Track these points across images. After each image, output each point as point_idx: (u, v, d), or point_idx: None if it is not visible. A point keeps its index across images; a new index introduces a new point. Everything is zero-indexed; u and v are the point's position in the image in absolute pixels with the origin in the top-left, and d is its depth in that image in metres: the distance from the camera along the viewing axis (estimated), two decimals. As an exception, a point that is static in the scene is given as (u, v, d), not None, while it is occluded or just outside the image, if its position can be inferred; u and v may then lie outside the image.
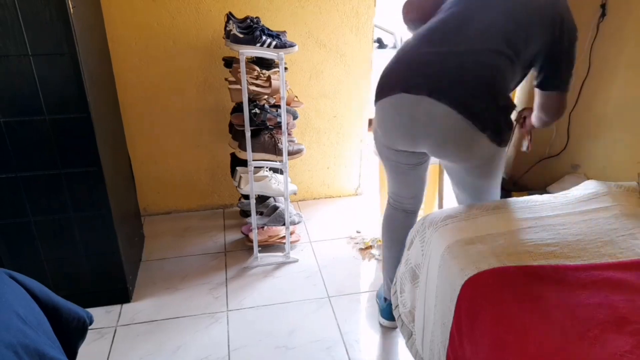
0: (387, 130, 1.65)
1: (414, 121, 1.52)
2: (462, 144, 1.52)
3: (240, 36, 2.05)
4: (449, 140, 1.52)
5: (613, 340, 1.07)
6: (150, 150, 2.73)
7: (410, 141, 1.60)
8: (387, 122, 1.62)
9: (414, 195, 1.88)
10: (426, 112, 1.48)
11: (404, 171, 1.79)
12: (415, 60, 1.54)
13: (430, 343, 1.50)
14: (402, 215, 1.92)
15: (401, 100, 1.52)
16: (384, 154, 1.78)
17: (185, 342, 1.98)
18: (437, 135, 1.52)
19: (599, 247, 1.37)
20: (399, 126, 1.58)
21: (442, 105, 1.44)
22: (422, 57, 1.53)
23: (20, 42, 1.63)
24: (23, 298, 1.21)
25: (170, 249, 2.59)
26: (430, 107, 1.46)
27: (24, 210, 1.88)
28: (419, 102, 1.47)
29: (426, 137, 1.54)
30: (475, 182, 1.70)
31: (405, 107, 1.52)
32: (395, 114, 1.57)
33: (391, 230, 1.96)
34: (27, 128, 1.76)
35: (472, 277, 1.28)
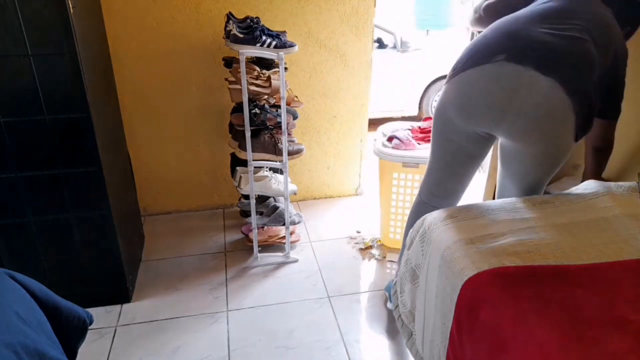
0: (470, 104, 1.56)
1: (511, 92, 1.46)
2: (553, 124, 1.47)
3: (240, 36, 2.05)
4: (537, 118, 1.46)
5: (613, 340, 1.07)
6: (150, 150, 2.73)
7: (497, 115, 1.51)
8: (473, 92, 1.53)
9: (455, 191, 1.82)
10: (528, 85, 1.43)
11: (461, 160, 1.73)
12: (521, 33, 1.49)
13: (430, 343, 1.50)
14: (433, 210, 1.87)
15: (502, 69, 1.46)
16: (447, 135, 1.68)
17: (185, 342, 1.98)
18: (531, 111, 1.46)
19: (599, 247, 1.37)
20: (491, 97, 1.50)
21: (547, 80, 1.41)
22: (529, 32, 1.48)
23: (20, 42, 1.63)
24: (23, 298, 1.21)
25: (170, 249, 2.59)
26: (535, 80, 1.42)
27: (23, 210, 1.88)
28: (522, 74, 1.43)
29: (516, 111, 1.47)
30: (534, 174, 1.64)
31: (505, 76, 1.46)
32: (491, 83, 1.49)
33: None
34: (27, 128, 1.76)
35: (472, 277, 1.28)
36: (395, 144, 2.35)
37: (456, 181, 1.80)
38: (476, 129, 1.62)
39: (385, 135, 2.45)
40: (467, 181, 1.82)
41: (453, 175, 1.78)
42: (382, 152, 2.34)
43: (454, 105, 1.59)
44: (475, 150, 1.71)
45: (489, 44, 1.52)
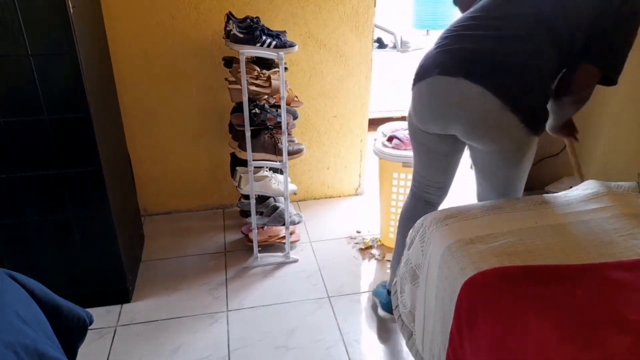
0: (421, 113, 1.65)
1: (446, 103, 1.54)
2: (495, 126, 1.51)
3: (240, 36, 2.05)
4: (482, 121, 1.51)
5: (613, 340, 1.07)
6: (150, 150, 2.73)
7: (442, 123, 1.60)
8: (422, 104, 1.63)
9: (441, 186, 1.86)
10: (461, 93, 1.48)
11: (433, 157, 1.79)
12: (453, 43, 1.55)
13: (430, 343, 1.50)
14: (423, 206, 1.89)
15: (436, 82, 1.54)
16: (417, 138, 1.77)
17: (185, 342, 1.98)
18: (470, 116, 1.51)
19: (599, 247, 1.37)
20: (432, 109, 1.60)
21: (478, 87, 1.45)
22: (460, 40, 1.54)
23: (20, 42, 1.63)
24: (23, 298, 1.21)
25: (170, 249, 2.59)
26: (466, 89, 1.47)
27: (23, 210, 1.88)
28: (455, 84, 1.49)
29: (457, 118, 1.54)
30: (503, 171, 1.67)
31: (439, 88, 1.54)
32: (430, 96, 1.58)
33: (409, 220, 1.89)
34: (26, 128, 1.76)
35: (472, 277, 1.28)
36: (396, 144, 2.35)
37: (435, 173, 1.85)
38: (433, 131, 1.68)
39: (385, 135, 2.45)
40: (449, 176, 1.86)
41: (432, 168, 1.84)
42: (382, 152, 2.34)
43: (413, 114, 1.70)
44: (446, 149, 1.75)
45: (429, 58, 1.59)
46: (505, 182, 1.69)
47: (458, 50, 1.52)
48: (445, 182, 1.87)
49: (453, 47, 1.54)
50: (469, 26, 1.56)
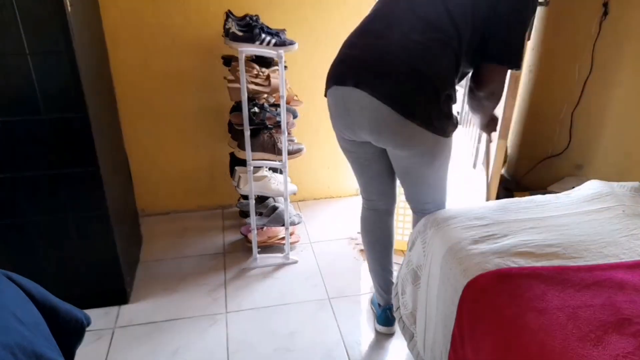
0: (334, 122, 1.69)
1: (348, 111, 1.56)
2: (396, 131, 1.51)
3: (240, 34, 2.04)
4: (382, 128, 1.52)
5: (616, 341, 1.06)
6: (148, 150, 2.72)
7: (351, 132, 1.63)
8: (331, 114, 1.68)
9: (382, 192, 1.85)
10: (357, 102, 1.51)
11: (363, 163, 1.78)
12: (346, 53, 1.58)
13: (432, 345, 1.49)
14: (375, 215, 1.90)
15: (336, 92, 1.58)
16: (342, 146, 1.79)
17: (183, 344, 1.96)
18: (370, 124, 1.53)
19: (602, 248, 1.36)
20: (339, 117, 1.63)
21: (368, 96, 1.46)
22: (351, 50, 1.56)
23: (17, 41, 1.62)
24: (20, 299, 1.20)
25: (168, 250, 2.58)
26: (359, 97, 1.48)
27: (21, 211, 1.87)
28: (350, 93, 1.51)
29: (361, 126, 1.56)
30: (419, 171, 1.66)
31: (339, 98, 1.57)
32: (334, 106, 1.63)
33: (367, 232, 1.94)
34: (24, 127, 1.75)
35: (474, 279, 1.27)
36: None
37: (370, 183, 1.85)
38: (348, 137, 1.69)
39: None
40: (384, 180, 1.82)
41: (365, 177, 1.84)
42: None
43: (332, 122, 1.72)
44: (369, 154, 1.73)
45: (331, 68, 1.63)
46: (423, 181, 1.69)
47: (351, 58, 1.55)
48: (384, 188, 1.85)
49: (347, 56, 1.57)
50: (360, 32, 1.58)
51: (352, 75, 1.50)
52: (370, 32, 1.54)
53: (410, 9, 1.49)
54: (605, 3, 2.21)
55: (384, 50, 1.48)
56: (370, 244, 1.94)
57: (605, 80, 2.29)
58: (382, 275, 1.96)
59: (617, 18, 2.19)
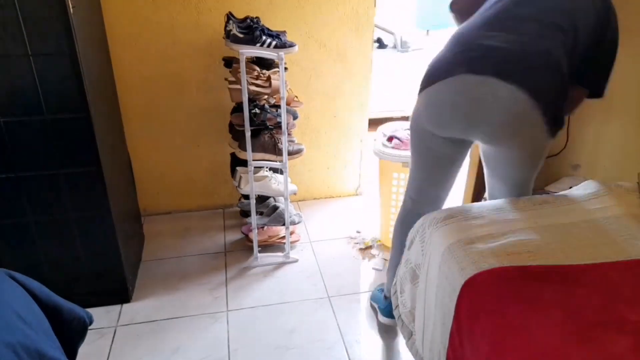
0: (440, 116, 1.58)
1: (475, 103, 1.49)
2: (522, 128, 1.49)
3: (240, 36, 2.05)
4: (509, 122, 1.49)
5: (613, 340, 1.07)
6: (150, 150, 2.73)
7: (466, 125, 1.55)
8: (441, 105, 1.56)
9: (439, 195, 1.81)
10: (491, 93, 1.45)
11: (443, 164, 1.74)
12: (476, 43, 1.51)
13: (430, 343, 1.50)
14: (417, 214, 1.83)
15: (463, 80, 1.49)
16: (426, 143, 1.70)
17: (185, 342, 1.98)
18: (499, 118, 1.48)
19: (599, 248, 1.37)
20: (458, 109, 1.53)
21: (508, 86, 1.42)
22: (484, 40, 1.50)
23: (19, 42, 1.63)
24: (23, 298, 1.21)
25: (170, 249, 2.59)
26: (496, 88, 1.44)
27: (23, 210, 1.88)
28: (484, 83, 1.46)
29: (485, 120, 1.50)
30: (520, 173, 1.66)
31: (467, 88, 1.49)
32: (456, 95, 1.52)
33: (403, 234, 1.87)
34: (26, 128, 1.76)
35: (472, 277, 1.28)
36: (396, 144, 2.35)
37: (435, 184, 1.81)
38: (450, 136, 1.63)
39: (385, 135, 2.45)
40: (449, 186, 1.81)
41: (434, 178, 1.79)
42: (382, 152, 2.34)
43: (426, 117, 1.63)
44: (454, 155, 1.72)
45: (447, 58, 1.55)
46: (523, 184, 1.69)
47: (485, 49, 1.48)
48: (443, 193, 1.82)
49: (476, 47, 1.50)
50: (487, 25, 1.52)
51: (492, 65, 1.45)
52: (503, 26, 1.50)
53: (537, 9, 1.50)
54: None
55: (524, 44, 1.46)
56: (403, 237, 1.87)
57: (603, 80, 2.29)
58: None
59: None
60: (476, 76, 1.47)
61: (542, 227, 1.46)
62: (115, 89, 2.35)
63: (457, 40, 1.57)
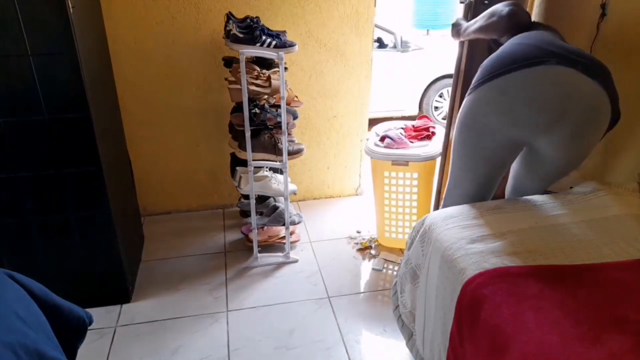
0: (517, 107, 1.48)
1: (565, 95, 1.45)
2: (597, 126, 1.51)
3: (240, 36, 2.05)
4: (589, 120, 1.48)
5: (613, 340, 1.07)
6: (150, 150, 2.73)
7: (549, 119, 1.47)
8: (522, 95, 1.47)
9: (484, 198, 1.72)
10: (579, 88, 1.44)
11: (501, 165, 1.65)
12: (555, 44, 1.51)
13: (430, 343, 1.50)
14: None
15: (556, 70, 1.44)
16: (484, 143, 1.58)
17: (185, 342, 1.98)
18: (582, 114, 1.46)
19: (599, 247, 1.37)
20: (544, 99, 1.46)
21: (594, 83, 1.43)
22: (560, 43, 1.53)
23: (19, 42, 1.63)
24: (23, 298, 1.21)
25: (170, 249, 2.59)
26: (585, 83, 1.44)
27: (23, 210, 1.88)
28: (574, 77, 1.44)
29: (569, 115, 1.45)
30: (563, 173, 1.66)
31: (560, 78, 1.45)
32: (544, 85, 1.46)
33: None
34: (26, 128, 1.76)
35: (473, 277, 1.28)
36: (388, 143, 2.36)
37: (491, 188, 1.71)
38: (516, 135, 1.54)
39: (377, 135, 2.46)
40: (492, 192, 1.73)
41: (490, 182, 1.68)
42: (372, 151, 2.35)
43: (496, 110, 1.51)
44: (508, 158, 1.65)
45: (527, 52, 1.48)
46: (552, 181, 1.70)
47: (567, 50, 1.48)
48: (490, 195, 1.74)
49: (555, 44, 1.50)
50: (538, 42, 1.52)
51: (578, 61, 1.44)
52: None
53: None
54: (603, 4, 2.21)
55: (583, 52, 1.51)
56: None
57: (603, 80, 2.29)
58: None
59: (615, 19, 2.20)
60: (568, 68, 1.44)
61: (542, 227, 1.47)
62: (115, 88, 2.35)
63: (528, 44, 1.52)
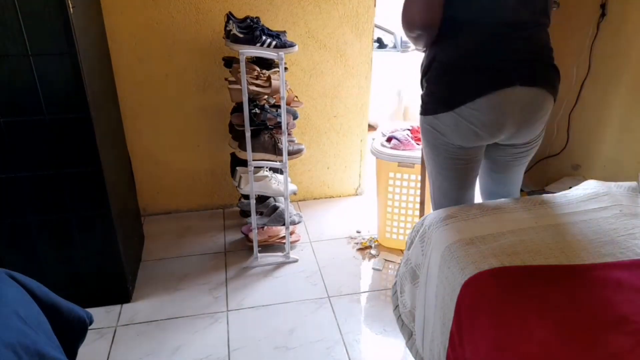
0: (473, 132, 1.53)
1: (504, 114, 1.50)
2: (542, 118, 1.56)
3: (240, 36, 2.05)
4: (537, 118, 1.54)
5: (613, 340, 1.07)
6: (150, 150, 2.73)
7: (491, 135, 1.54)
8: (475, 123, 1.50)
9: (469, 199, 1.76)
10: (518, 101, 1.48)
11: (468, 172, 1.69)
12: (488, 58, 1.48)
13: (430, 343, 1.50)
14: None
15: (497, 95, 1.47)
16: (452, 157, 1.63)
17: (185, 342, 1.98)
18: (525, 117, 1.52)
19: (599, 247, 1.37)
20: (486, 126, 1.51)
21: (533, 89, 1.48)
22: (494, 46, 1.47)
23: (20, 42, 1.63)
24: (23, 298, 1.21)
25: (170, 249, 2.59)
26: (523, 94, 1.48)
27: (23, 210, 1.88)
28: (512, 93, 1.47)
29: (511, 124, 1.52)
30: (522, 167, 1.74)
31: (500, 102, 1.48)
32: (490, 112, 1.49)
33: None
34: (27, 128, 1.76)
35: (472, 277, 1.28)
36: (394, 144, 2.36)
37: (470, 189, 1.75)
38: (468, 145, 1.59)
39: (384, 135, 2.46)
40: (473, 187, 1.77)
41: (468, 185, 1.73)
42: (379, 151, 2.35)
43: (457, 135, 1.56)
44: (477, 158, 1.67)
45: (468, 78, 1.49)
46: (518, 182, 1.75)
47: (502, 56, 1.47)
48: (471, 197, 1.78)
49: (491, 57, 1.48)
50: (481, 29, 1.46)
51: (511, 73, 1.46)
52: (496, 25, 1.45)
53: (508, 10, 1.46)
54: (603, 4, 2.21)
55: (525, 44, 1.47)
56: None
57: (602, 80, 2.30)
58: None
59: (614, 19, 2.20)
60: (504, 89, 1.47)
61: (542, 227, 1.47)
62: (115, 88, 2.35)
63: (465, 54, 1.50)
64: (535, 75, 1.49)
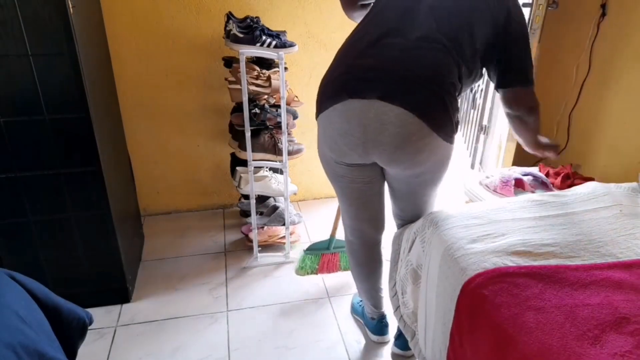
0: (335, 143, 1.51)
1: (363, 127, 1.40)
2: (417, 147, 1.40)
3: (240, 36, 2.05)
4: (406, 144, 1.40)
5: (613, 340, 1.07)
6: (150, 150, 2.73)
7: (361, 151, 1.46)
8: (334, 133, 1.48)
9: (373, 217, 1.74)
10: (378, 117, 1.37)
11: (359, 188, 1.64)
12: (356, 64, 1.43)
13: (432, 342, 1.50)
14: (365, 248, 1.81)
15: (350, 106, 1.40)
16: (335, 172, 1.63)
17: (185, 342, 1.98)
18: (393, 140, 1.40)
19: (599, 247, 1.37)
20: (348, 135, 1.44)
21: (396, 108, 1.35)
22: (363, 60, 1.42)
23: (19, 42, 1.63)
24: (23, 298, 1.21)
25: (170, 249, 2.59)
26: (383, 111, 1.36)
27: (23, 210, 1.88)
28: (370, 107, 1.37)
29: (378, 144, 1.42)
30: (424, 191, 1.61)
31: (355, 113, 1.40)
32: (344, 122, 1.43)
33: (359, 265, 1.86)
34: (26, 128, 1.76)
35: (472, 277, 1.28)
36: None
37: (364, 209, 1.71)
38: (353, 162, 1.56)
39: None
40: (377, 204, 1.72)
41: (359, 204, 1.70)
42: None
43: (325, 142, 1.56)
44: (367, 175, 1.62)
45: (331, 83, 1.48)
46: (427, 201, 1.65)
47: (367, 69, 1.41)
48: (376, 214, 1.74)
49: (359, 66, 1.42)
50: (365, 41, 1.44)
51: (374, 86, 1.37)
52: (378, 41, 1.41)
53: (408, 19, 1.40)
54: (604, 4, 2.21)
55: (403, 59, 1.38)
56: (362, 274, 1.87)
57: (603, 80, 2.29)
58: (374, 294, 1.91)
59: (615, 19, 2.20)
60: (360, 100, 1.39)
61: (542, 227, 1.47)
62: (115, 88, 2.35)
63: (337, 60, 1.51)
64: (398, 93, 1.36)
